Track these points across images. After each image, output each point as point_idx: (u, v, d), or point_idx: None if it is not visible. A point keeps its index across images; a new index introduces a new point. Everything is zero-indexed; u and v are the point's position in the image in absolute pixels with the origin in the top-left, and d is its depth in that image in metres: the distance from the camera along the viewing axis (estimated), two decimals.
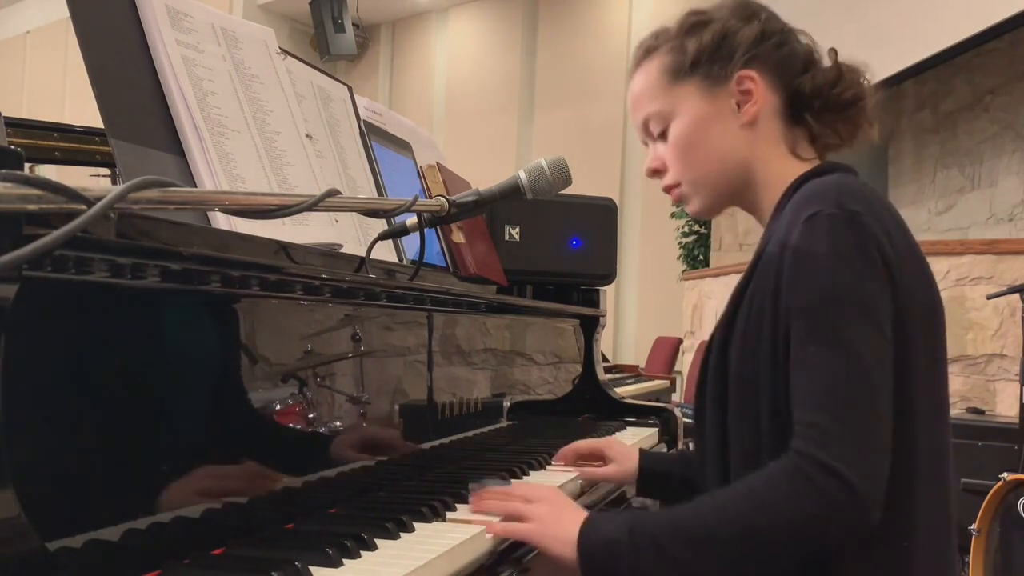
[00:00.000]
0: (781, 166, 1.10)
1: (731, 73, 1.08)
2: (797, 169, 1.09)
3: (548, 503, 1.02)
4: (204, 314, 0.86)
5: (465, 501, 1.08)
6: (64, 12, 0.98)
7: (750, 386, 1.00)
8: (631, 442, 1.71)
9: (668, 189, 1.15)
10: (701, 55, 1.09)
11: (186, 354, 0.83)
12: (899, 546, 0.96)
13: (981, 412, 3.51)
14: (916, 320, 0.98)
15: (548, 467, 1.39)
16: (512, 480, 1.23)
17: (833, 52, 1.12)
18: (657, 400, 2.84)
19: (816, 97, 1.09)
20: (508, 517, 1.01)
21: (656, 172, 1.16)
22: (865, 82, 1.11)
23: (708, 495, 0.98)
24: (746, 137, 1.10)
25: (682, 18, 1.14)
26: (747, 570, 0.93)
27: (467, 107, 9.00)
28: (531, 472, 1.33)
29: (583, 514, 0.99)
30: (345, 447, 1.06)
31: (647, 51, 1.15)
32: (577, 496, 1.30)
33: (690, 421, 1.21)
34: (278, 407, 0.95)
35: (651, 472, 1.35)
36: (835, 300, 0.93)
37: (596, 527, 0.96)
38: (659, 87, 1.12)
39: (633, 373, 4.05)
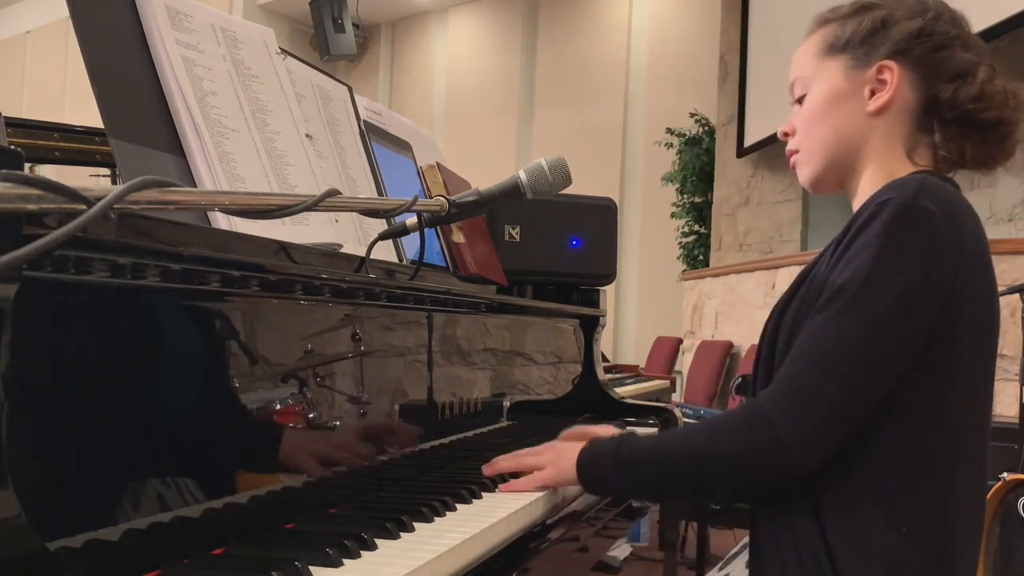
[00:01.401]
0: (891, 164, 1.09)
1: (874, 60, 1.09)
2: (905, 171, 1.08)
3: (552, 450, 1.20)
4: (204, 314, 0.86)
5: (466, 501, 1.08)
6: (64, 12, 0.98)
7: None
8: None
9: (789, 154, 1.18)
10: (855, 36, 1.11)
11: (186, 354, 0.83)
12: (934, 542, 0.99)
13: None
14: (967, 332, 1.00)
15: None
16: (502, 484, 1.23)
17: (988, 69, 1.08)
18: (657, 400, 2.83)
19: (951, 108, 1.07)
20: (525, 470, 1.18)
21: (785, 135, 1.19)
22: (1018, 108, 1.08)
23: (683, 427, 1.10)
24: (869, 125, 1.10)
25: None
26: (691, 489, 1.10)
27: (467, 107, 9.01)
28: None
29: (581, 447, 1.15)
30: (345, 447, 1.06)
31: (820, 22, 1.17)
32: (572, 500, 1.29)
33: (690, 421, 1.24)
34: (278, 407, 0.94)
35: None
36: (861, 281, 0.96)
37: (592, 446, 1.14)
38: (813, 56, 1.15)
39: (633, 373, 4.05)
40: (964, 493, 1.02)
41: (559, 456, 1.17)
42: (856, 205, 1.12)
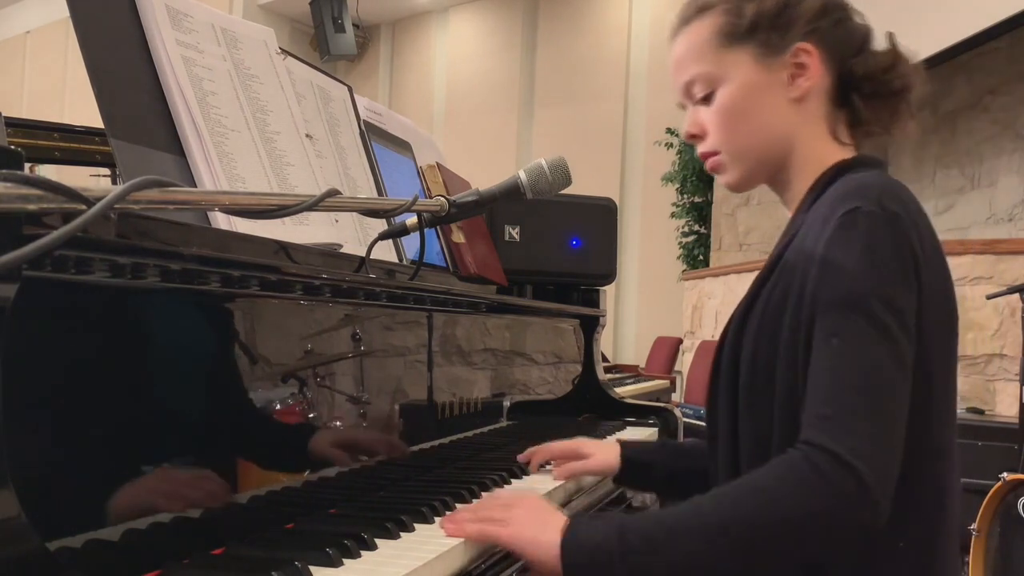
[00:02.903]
0: (820, 149, 1.06)
1: (789, 44, 1.04)
2: (834, 154, 1.06)
3: (525, 507, 0.97)
4: (204, 314, 0.86)
5: (465, 501, 1.08)
6: (64, 12, 0.98)
7: (763, 375, 0.99)
8: None
9: (705, 156, 1.10)
10: (760, 21, 1.04)
11: (186, 354, 0.83)
12: (915, 543, 0.96)
13: (981, 412, 3.51)
14: (933, 324, 0.97)
15: (547, 466, 1.39)
16: (500, 487, 1.22)
17: (890, 36, 1.06)
18: (657, 400, 2.83)
19: (867, 80, 1.05)
20: (485, 521, 0.95)
21: (694, 137, 1.11)
22: (915, 73, 1.06)
23: (705, 494, 0.93)
24: (793, 113, 1.06)
25: None
26: (752, 568, 0.89)
27: (467, 107, 9.00)
28: (524, 476, 1.31)
29: (563, 518, 0.93)
30: (345, 447, 1.06)
31: (699, 8, 1.08)
32: (565, 503, 1.29)
33: (690, 421, 1.22)
34: (278, 407, 0.95)
35: (635, 462, 1.31)
36: (864, 298, 0.92)
37: (580, 533, 0.91)
38: (709, 49, 1.06)
39: (633, 373, 4.05)
40: (943, 488, 1.01)
41: (531, 523, 0.94)
42: (793, 196, 1.09)
